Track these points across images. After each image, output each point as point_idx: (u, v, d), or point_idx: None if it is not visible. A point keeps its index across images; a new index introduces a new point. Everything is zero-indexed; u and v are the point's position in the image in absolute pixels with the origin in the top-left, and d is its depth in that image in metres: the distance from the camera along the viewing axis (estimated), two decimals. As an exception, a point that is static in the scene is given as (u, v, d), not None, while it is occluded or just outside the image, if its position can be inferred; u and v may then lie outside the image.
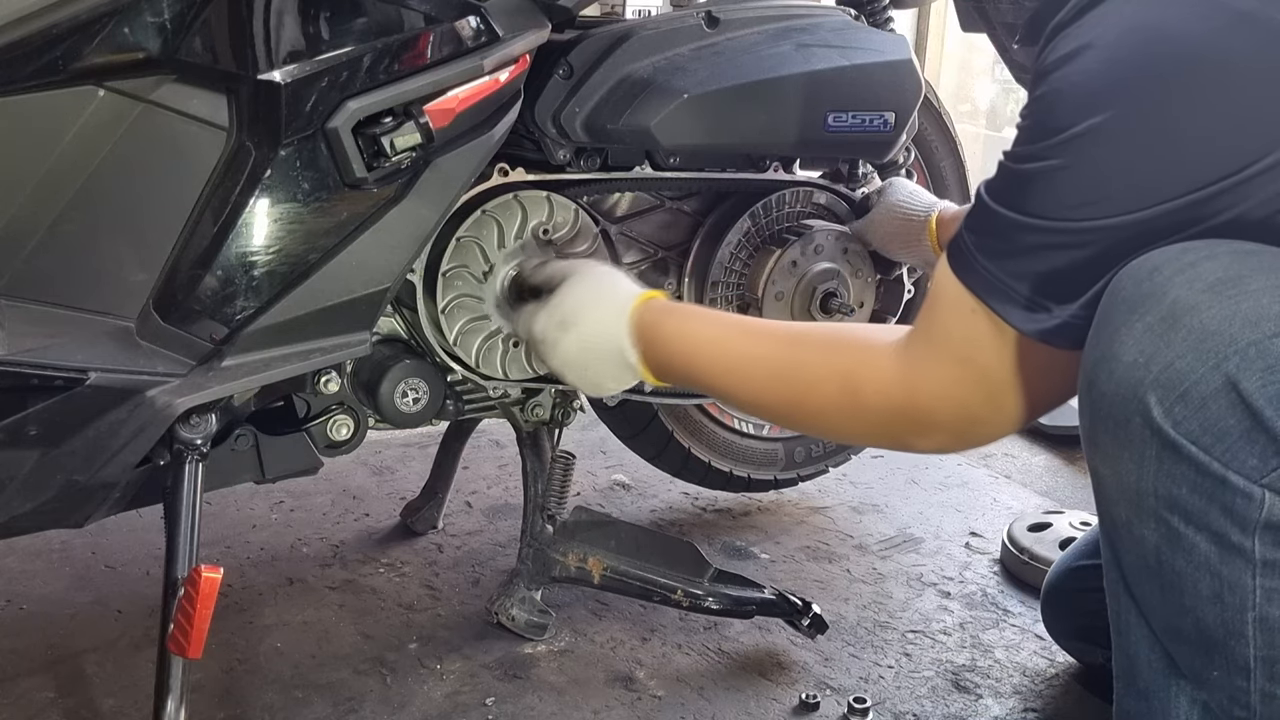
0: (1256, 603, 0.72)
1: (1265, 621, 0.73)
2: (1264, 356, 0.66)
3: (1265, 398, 0.66)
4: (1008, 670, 1.41)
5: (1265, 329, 0.66)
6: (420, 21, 1.10)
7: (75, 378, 1.00)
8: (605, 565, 1.37)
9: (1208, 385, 0.68)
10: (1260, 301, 0.67)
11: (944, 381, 0.89)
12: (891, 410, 0.93)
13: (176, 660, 1.05)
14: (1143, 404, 0.71)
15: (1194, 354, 0.68)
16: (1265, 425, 0.66)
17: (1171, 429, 0.70)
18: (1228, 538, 0.71)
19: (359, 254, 1.12)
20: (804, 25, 1.40)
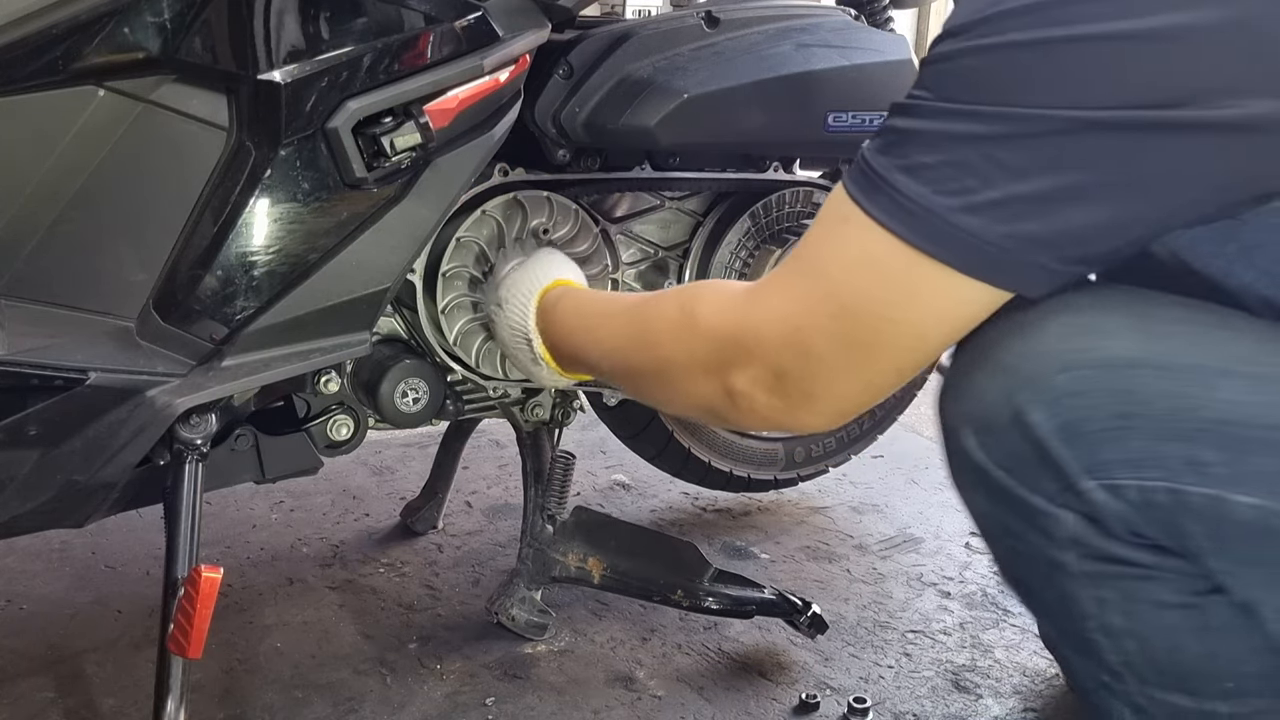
0: (1093, 613, 0.77)
1: (1108, 630, 0.78)
2: (1046, 391, 0.72)
3: (1048, 430, 0.72)
4: (1008, 670, 1.41)
5: (1048, 365, 0.72)
6: (420, 21, 1.10)
7: (75, 378, 1.00)
8: (605, 565, 1.37)
9: (1002, 418, 0.74)
10: (1048, 341, 0.72)
11: (788, 292, 0.78)
12: (721, 331, 0.82)
13: (176, 660, 1.05)
14: (960, 435, 0.77)
15: (991, 388, 0.75)
16: (1049, 455, 0.73)
17: (984, 458, 0.76)
18: (1050, 557, 0.77)
19: (359, 254, 1.12)
20: (804, 25, 1.40)
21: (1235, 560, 0.72)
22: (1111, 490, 0.72)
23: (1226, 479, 0.69)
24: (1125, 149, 0.66)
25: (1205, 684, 0.78)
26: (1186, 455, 0.70)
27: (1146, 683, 0.80)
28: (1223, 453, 0.69)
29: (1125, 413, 0.71)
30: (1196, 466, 0.69)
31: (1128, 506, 0.72)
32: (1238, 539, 0.71)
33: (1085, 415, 0.72)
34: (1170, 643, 0.77)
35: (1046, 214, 0.68)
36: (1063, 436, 0.72)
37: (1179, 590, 0.75)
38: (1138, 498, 0.72)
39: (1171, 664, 0.78)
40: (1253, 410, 0.69)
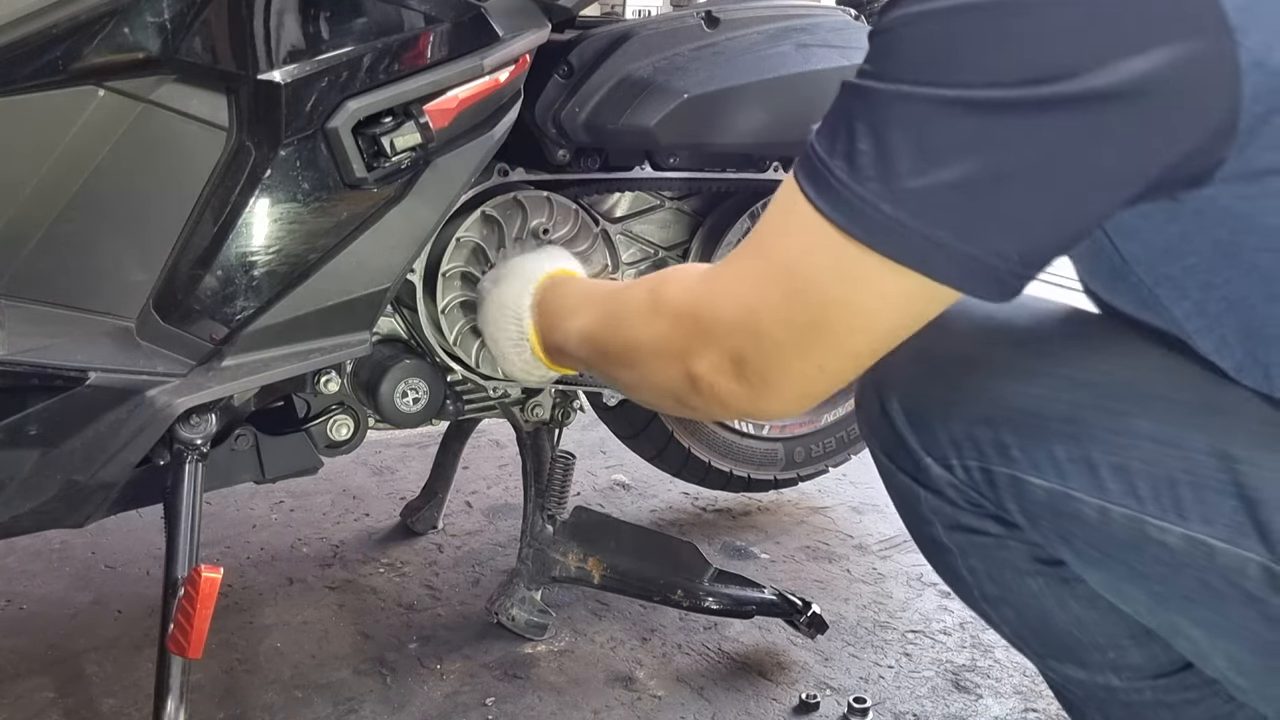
0: (972, 583, 0.88)
1: (989, 599, 0.88)
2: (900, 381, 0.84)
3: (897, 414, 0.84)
4: (1008, 670, 1.41)
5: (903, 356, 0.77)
6: (420, 21, 1.10)
7: (75, 378, 1.00)
8: (605, 565, 1.37)
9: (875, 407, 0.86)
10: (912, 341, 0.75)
11: (742, 274, 0.78)
12: (681, 311, 0.81)
13: (176, 660, 1.05)
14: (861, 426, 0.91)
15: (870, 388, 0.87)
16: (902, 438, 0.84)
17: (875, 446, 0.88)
18: (927, 532, 0.87)
19: (359, 254, 1.12)
20: (804, 25, 1.40)
21: (1048, 538, 0.80)
22: (944, 466, 0.82)
23: (1023, 462, 0.78)
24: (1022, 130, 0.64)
25: (1088, 654, 0.86)
26: (993, 439, 0.79)
27: (1041, 655, 0.89)
28: (1021, 438, 0.78)
29: (951, 401, 0.81)
30: (1000, 448, 0.79)
31: (959, 481, 0.82)
32: (1040, 517, 0.79)
33: (923, 401, 0.83)
34: (1039, 610, 0.86)
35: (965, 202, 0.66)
36: (908, 420, 0.84)
37: (1028, 557, 0.84)
38: (963, 476, 0.81)
39: (1049, 634, 0.86)
40: (1052, 405, 0.77)
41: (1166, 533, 0.73)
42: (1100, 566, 0.79)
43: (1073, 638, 0.86)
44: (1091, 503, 0.75)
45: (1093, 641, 0.85)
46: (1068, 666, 0.87)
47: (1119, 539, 0.75)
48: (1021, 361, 0.80)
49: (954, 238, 0.66)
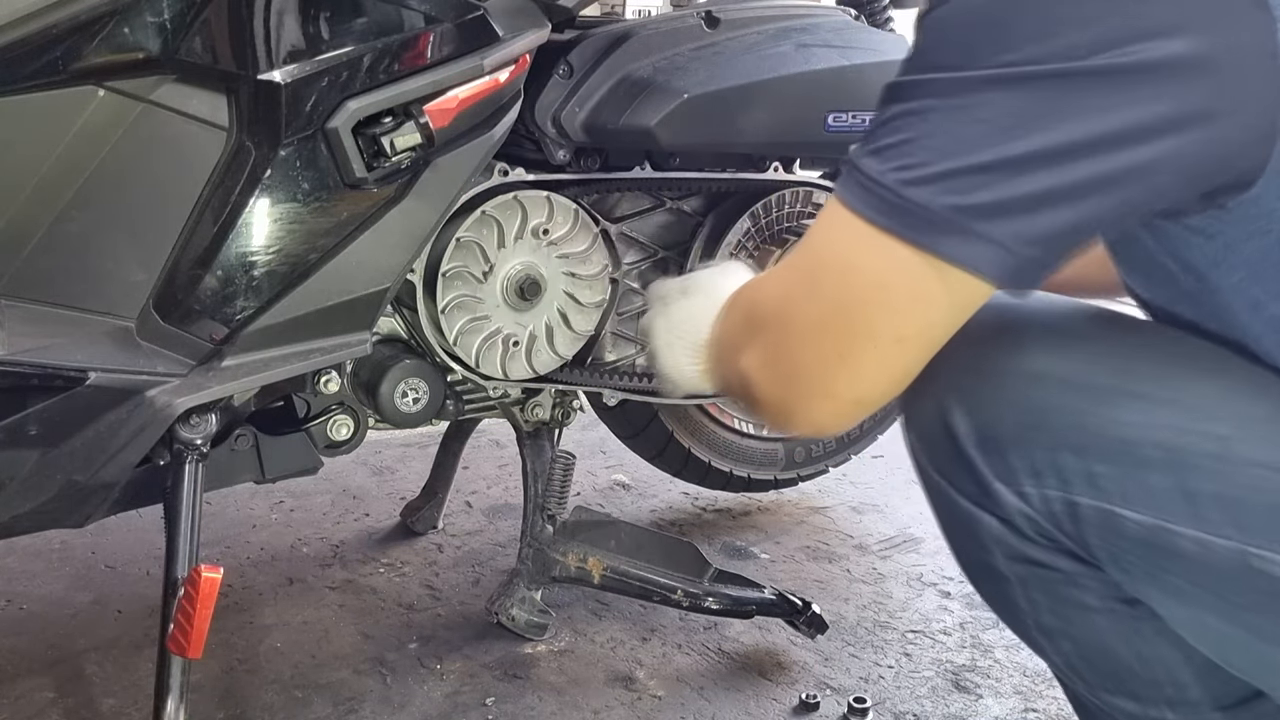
0: (1029, 612, 0.81)
1: (1045, 630, 0.82)
2: (968, 398, 0.76)
3: (967, 436, 0.76)
4: (1008, 670, 1.41)
5: (972, 373, 0.75)
6: (420, 21, 1.10)
7: (75, 378, 1.00)
8: (605, 565, 1.37)
9: (933, 421, 0.78)
10: (977, 349, 0.75)
11: (781, 271, 0.81)
12: (736, 306, 0.85)
13: (176, 660, 1.05)
14: (909, 440, 0.82)
15: (925, 394, 0.78)
16: (969, 460, 0.76)
17: (926, 462, 0.81)
18: (983, 558, 0.81)
19: (359, 254, 1.12)
20: (804, 25, 1.40)
21: (1132, 573, 0.74)
22: (1018, 495, 0.75)
23: (1115, 494, 0.72)
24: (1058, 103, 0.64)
25: (1145, 689, 0.81)
26: (1081, 468, 0.73)
27: (1092, 685, 0.83)
28: (1113, 468, 0.72)
29: (1031, 423, 0.74)
30: (1088, 479, 0.72)
31: (1034, 512, 0.75)
32: (1128, 552, 0.73)
33: (996, 423, 0.75)
34: (1101, 645, 0.80)
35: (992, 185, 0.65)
36: (978, 442, 0.76)
37: (1101, 595, 0.78)
38: (1041, 506, 0.75)
39: (1107, 667, 0.81)
40: (1145, 431, 0.71)
41: (1271, 563, 0.68)
42: (1190, 602, 0.73)
43: (1132, 673, 0.81)
44: (1189, 535, 0.70)
45: (1153, 678, 0.81)
46: (1119, 698, 0.83)
47: (1218, 572, 0.70)
48: (1107, 381, 0.74)
49: (970, 218, 0.66)
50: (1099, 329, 0.78)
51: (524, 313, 1.33)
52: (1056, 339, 0.77)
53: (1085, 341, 0.77)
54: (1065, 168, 0.65)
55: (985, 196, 0.66)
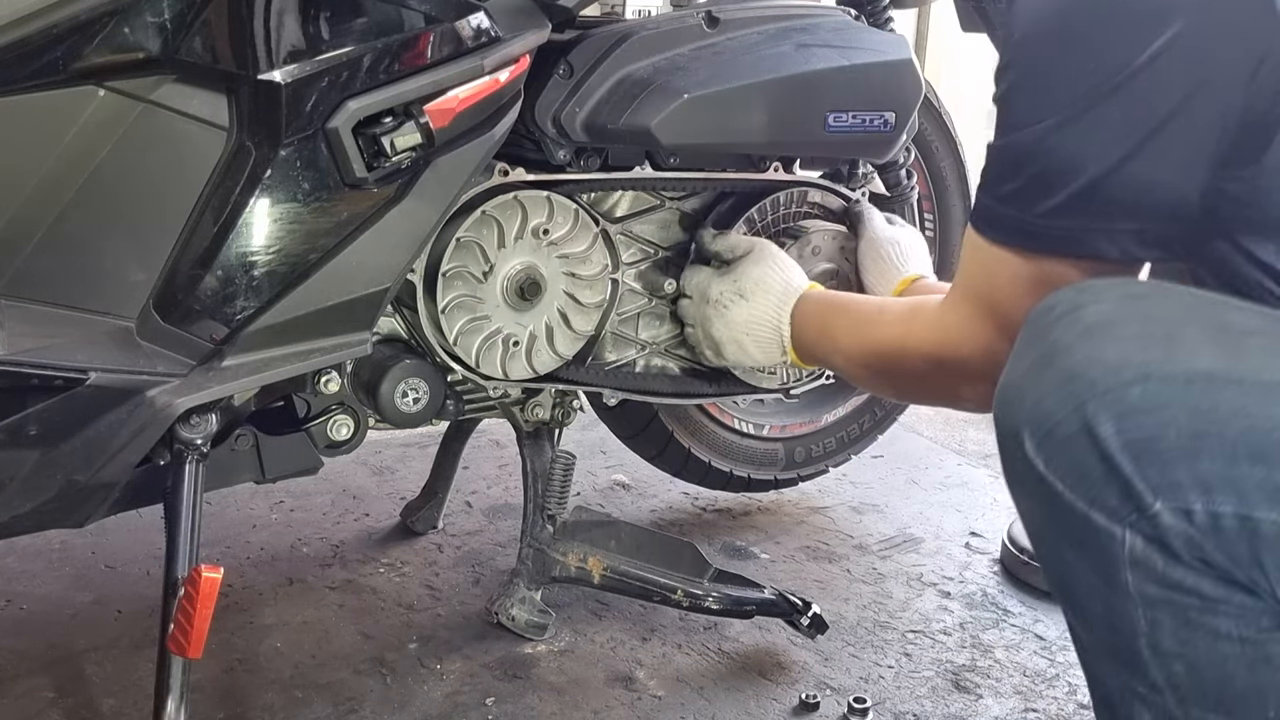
0: (1144, 632, 0.74)
1: (1157, 650, 0.74)
2: (1119, 403, 0.69)
3: (1117, 445, 0.69)
4: (1008, 670, 1.41)
5: (1124, 376, 0.69)
6: (420, 21, 1.10)
7: (75, 378, 1.00)
8: (605, 565, 1.37)
9: (1069, 427, 0.70)
10: (1125, 348, 0.70)
11: (964, 319, 0.93)
12: (932, 358, 0.99)
13: (176, 660, 1.05)
14: (1019, 440, 0.74)
15: (1058, 395, 0.71)
16: (1117, 471, 0.69)
17: (1043, 466, 0.72)
18: (1106, 574, 0.73)
19: (359, 254, 1.12)
20: (804, 25, 1.40)
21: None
22: (1181, 514, 0.68)
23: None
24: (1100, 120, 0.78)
25: (1247, 712, 0.75)
26: (1261, 479, 0.66)
27: (1186, 702, 0.77)
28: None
29: (1200, 431, 0.67)
30: (1272, 491, 0.65)
31: (1196, 531, 0.68)
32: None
33: (1158, 432, 0.68)
34: (1221, 673, 0.74)
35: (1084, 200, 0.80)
36: (1132, 453, 0.68)
37: (1243, 624, 0.72)
38: (1207, 523, 0.67)
39: (1217, 690, 0.75)
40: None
41: None
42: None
43: (1244, 700, 0.75)
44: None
45: (1260, 703, 0.74)
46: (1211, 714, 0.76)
47: None
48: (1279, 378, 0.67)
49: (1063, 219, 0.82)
50: (1248, 318, 0.72)
51: (524, 313, 1.33)
52: (1212, 333, 0.70)
53: (1242, 335, 0.70)
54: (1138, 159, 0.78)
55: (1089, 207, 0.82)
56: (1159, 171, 0.78)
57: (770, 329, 1.29)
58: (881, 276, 1.42)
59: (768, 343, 1.30)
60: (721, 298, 1.33)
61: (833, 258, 1.47)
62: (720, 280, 1.34)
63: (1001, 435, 0.76)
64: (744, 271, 1.32)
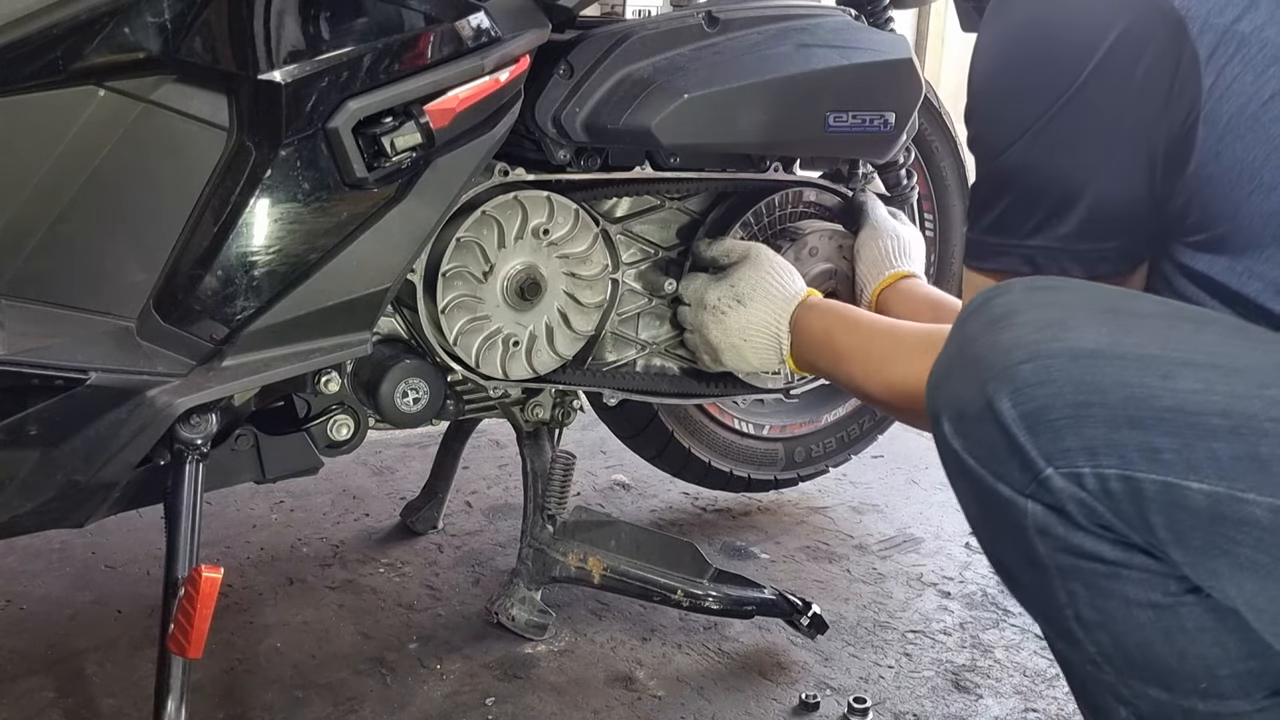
0: (1067, 604, 0.79)
1: (1082, 621, 0.79)
2: (1013, 380, 0.74)
3: (1013, 417, 0.74)
4: (1008, 670, 1.41)
5: (1017, 355, 0.75)
6: (421, 21, 1.10)
7: (75, 378, 1.00)
8: (605, 565, 1.37)
9: (975, 407, 0.76)
10: (1020, 332, 0.76)
11: None
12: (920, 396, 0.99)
13: (176, 660, 1.05)
14: (941, 426, 0.80)
15: (966, 379, 0.78)
16: (1014, 442, 0.74)
17: (960, 447, 0.78)
18: (1023, 547, 0.78)
19: (359, 254, 1.12)
20: (804, 25, 1.40)
21: (1195, 551, 0.72)
22: (1071, 478, 0.73)
23: (1178, 465, 0.70)
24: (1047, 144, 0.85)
25: (1179, 681, 0.79)
26: (1141, 442, 0.71)
27: (1124, 674, 0.81)
28: (1175, 439, 0.70)
29: (1084, 401, 0.72)
30: (1150, 453, 0.71)
31: (1088, 495, 0.73)
32: (1193, 527, 0.71)
33: (1047, 404, 0.73)
34: (1140, 639, 0.78)
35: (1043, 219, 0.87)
36: (1026, 425, 0.74)
37: (1148, 589, 0.76)
38: (1096, 486, 0.73)
39: (1144, 660, 0.79)
40: (1206, 399, 0.70)
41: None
42: (1264, 575, 0.71)
43: (1169, 666, 0.79)
44: (1263, 503, 0.68)
45: (1190, 671, 0.79)
46: (1151, 688, 0.81)
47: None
48: (1160, 352, 0.73)
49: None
50: (1141, 304, 0.78)
51: (524, 313, 1.33)
52: (1101, 315, 0.76)
53: (1135, 317, 0.76)
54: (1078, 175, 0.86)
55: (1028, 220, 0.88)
56: (1113, 184, 0.84)
57: (768, 335, 1.29)
58: (873, 267, 1.42)
59: (765, 349, 1.30)
60: (719, 304, 1.33)
61: (830, 258, 1.47)
62: (717, 286, 1.34)
63: (931, 422, 0.82)
64: (741, 276, 1.32)
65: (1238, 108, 0.77)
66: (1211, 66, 0.78)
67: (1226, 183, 0.79)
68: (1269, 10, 0.76)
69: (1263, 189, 0.77)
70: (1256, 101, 0.77)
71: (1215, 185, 0.80)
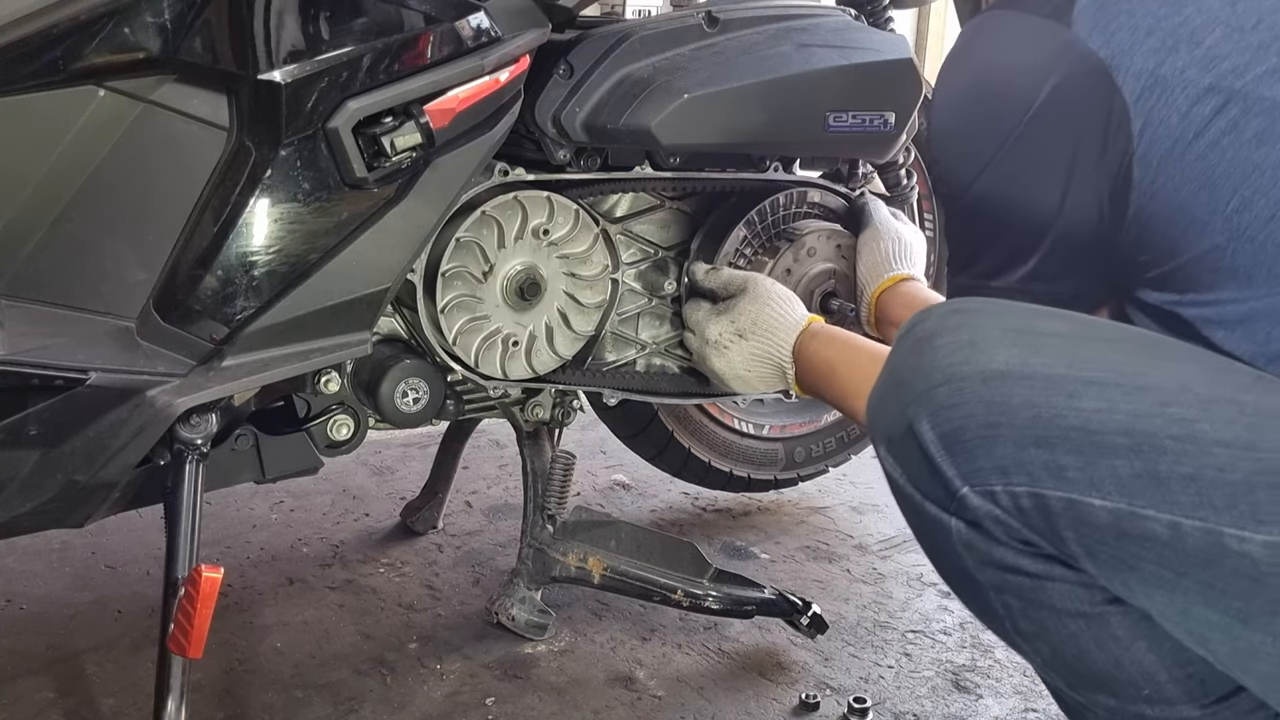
0: (1005, 617, 0.81)
1: (1022, 634, 0.81)
2: (930, 403, 0.77)
3: (931, 439, 0.77)
4: (1008, 670, 1.41)
5: (933, 379, 0.77)
6: (421, 21, 1.10)
7: (75, 378, 1.00)
8: (605, 565, 1.37)
9: (899, 429, 0.79)
10: (936, 356, 0.78)
11: None
12: None
13: (176, 660, 1.05)
14: (879, 449, 0.83)
15: (892, 404, 0.81)
16: (933, 463, 0.77)
17: (892, 469, 0.82)
18: (955, 563, 0.80)
19: (359, 254, 1.12)
20: (804, 25, 1.40)
21: (1105, 565, 0.74)
22: (986, 496, 0.76)
23: (1081, 483, 0.72)
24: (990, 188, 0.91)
25: (1122, 688, 0.81)
26: (1046, 460, 0.73)
27: (1071, 683, 0.83)
28: (1079, 457, 0.72)
29: (994, 422, 0.75)
30: (1055, 471, 0.73)
31: (1002, 511, 0.75)
32: (1100, 542, 0.73)
33: (960, 425, 0.76)
34: (1075, 649, 0.80)
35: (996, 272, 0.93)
36: (943, 445, 0.77)
37: (1074, 600, 0.78)
38: (1009, 503, 0.75)
39: (1085, 669, 0.81)
40: (1109, 418, 0.72)
41: (1246, 542, 0.68)
42: (1169, 589, 0.73)
43: (1108, 674, 0.81)
44: (1162, 519, 0.70)
45: (1129, 679, 0.81)
46: (1099, 695, 0.83)
47: (1194, 556, 0.70)
48: (1066, 372, 0.75)
49: None
50: (1054, 323, 0.80)
51: (524, 313, 1.33)
52: (1012, 336, 0.78)
53: (1041, 336, 0.78)
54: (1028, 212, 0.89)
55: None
56: (1065, 225, 0.87)
57: (772, 366, 1.27)
58: (874, 269, 1.41)
59: (770, 378, 1.29)
60: (720, 339, 1.30)
61: (830, 258, 1.47)
62: (718, 321, 1.31)
63: (875, 449, 0.85)
64: (741, 311, 1.29)
65: (1166, 149, 0.80)
66: (1139, 110, 0.80)
67: (1163, 221, 0.81)
68: (1188, 54, 0.79)
69: (1196, 225, 0.79)
70: (1182, 142, 0.79)
71: (1155, 225, 0.82)
